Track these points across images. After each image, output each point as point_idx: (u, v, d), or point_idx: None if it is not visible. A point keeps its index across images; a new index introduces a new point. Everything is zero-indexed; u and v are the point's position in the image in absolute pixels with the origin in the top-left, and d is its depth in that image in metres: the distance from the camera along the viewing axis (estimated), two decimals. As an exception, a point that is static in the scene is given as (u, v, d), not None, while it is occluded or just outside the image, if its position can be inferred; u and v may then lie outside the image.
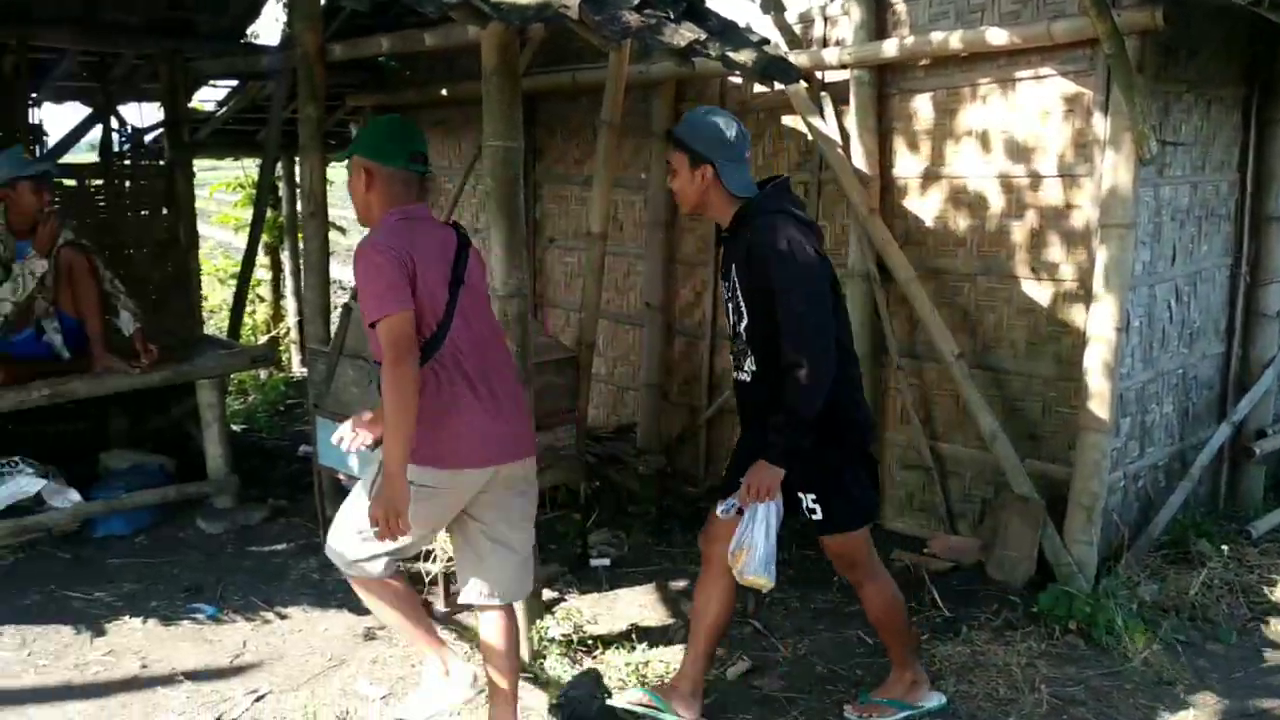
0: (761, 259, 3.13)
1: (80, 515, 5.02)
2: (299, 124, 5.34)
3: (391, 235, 2.96)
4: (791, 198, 3.32)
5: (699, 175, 3.20)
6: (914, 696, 3.57)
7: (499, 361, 3.16)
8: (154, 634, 4.20)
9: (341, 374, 4.62)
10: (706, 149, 3.19)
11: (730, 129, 3.21)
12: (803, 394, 3.06)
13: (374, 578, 3.22)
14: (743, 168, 3.25)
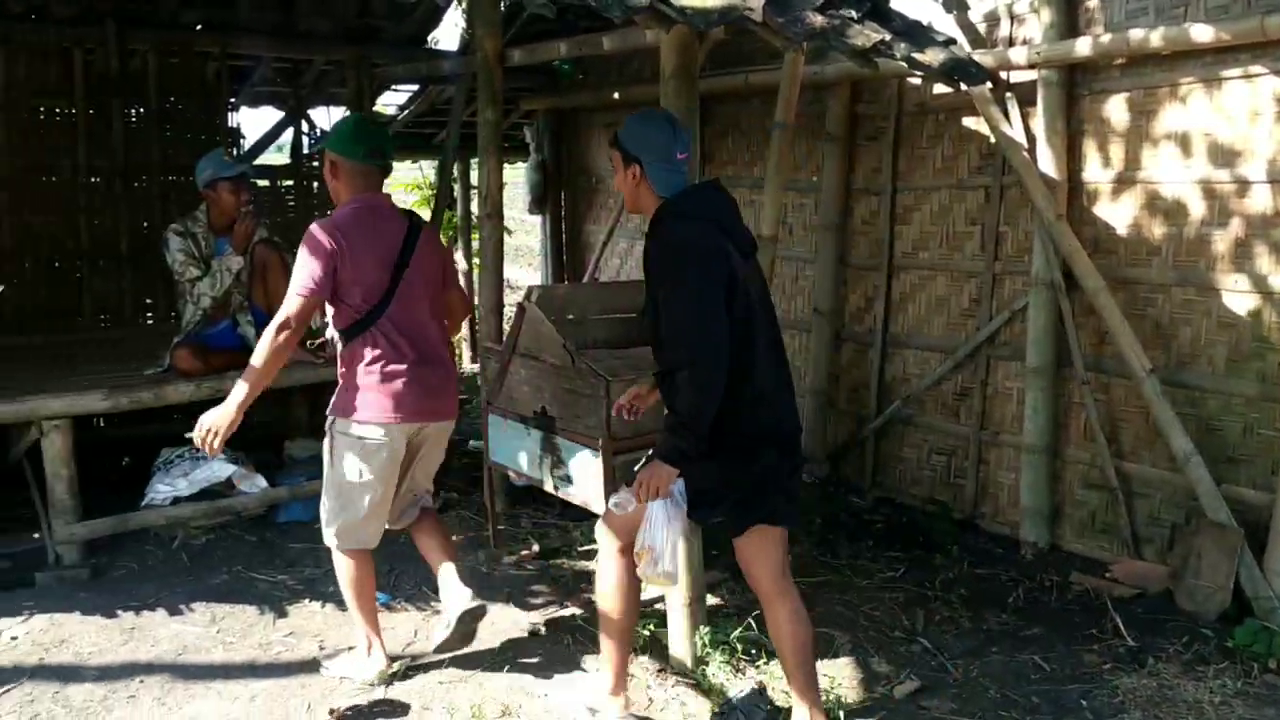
0: (655, 260, 3.17)
1: (267, 501, 5.26)
2: (477, 127, 5.47)
3: (338, 219, 3.54)
4: (707, 200, 3.22)
5: (629, 174, 3.21)
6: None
7: (435, 339, 3.74)
8: (331, 618, 4.36)
9: (514, 373, 4.70)
10: (635, 148, 3.20)
11: (662, 131, 3.21)
12: (685, 399, 2.99)
13: (368, 547, 3.84)
14: (673, 169, 3.20)
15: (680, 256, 3.04)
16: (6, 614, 4.30)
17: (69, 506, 4.75)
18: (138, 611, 4.37)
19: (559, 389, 4.43)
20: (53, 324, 6.14)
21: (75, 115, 6.13)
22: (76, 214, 6.22)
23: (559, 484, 4.52)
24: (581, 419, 4.34)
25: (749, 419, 3.12)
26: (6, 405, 4.57)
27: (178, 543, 4.99)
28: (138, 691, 3.76)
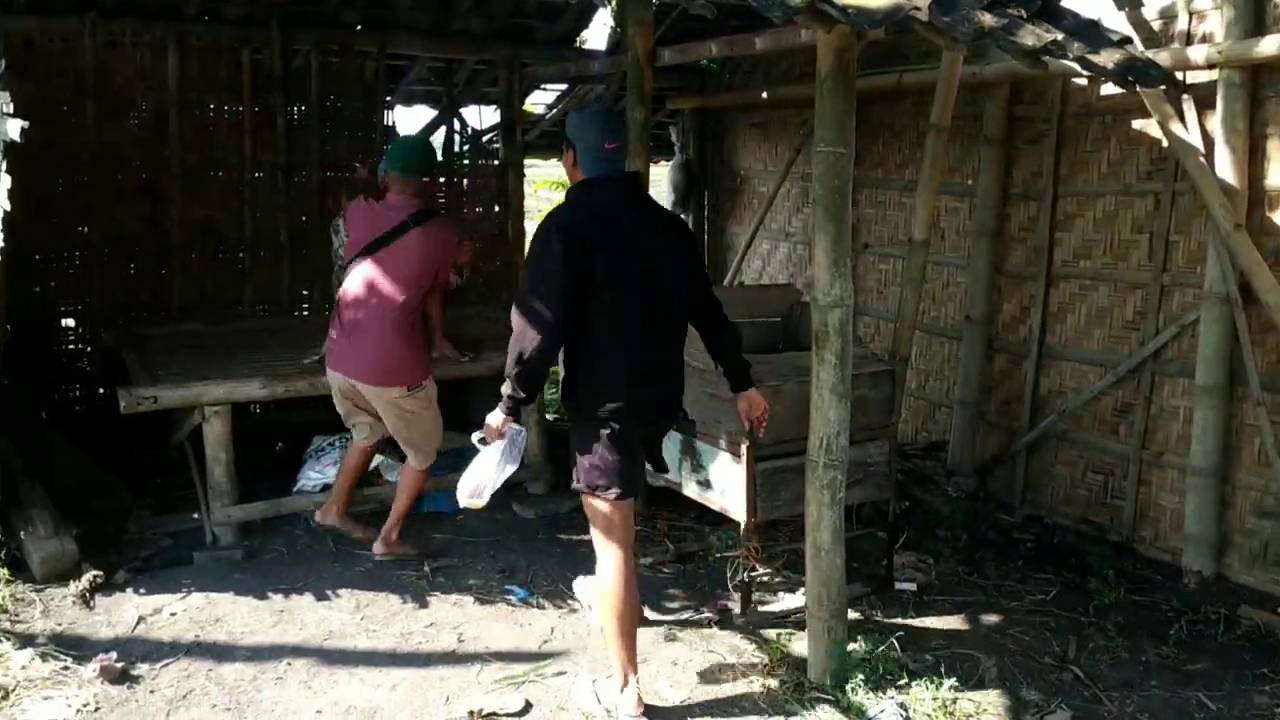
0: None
1: (411, 492, 5.37)
2: (629, 126, 5.45)
3: (350, 207, 4.83)
4: (597, 189, 3.51)
5: (567, 157, 3.59)
6: (622, 703, 3.58)
7: (378, 314, 4.52)
8: (470, 611, 4.42)
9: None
10: (572, 136, 3.56)
11: (595, 124, 3.54)
12: (510, 357, 3.42)
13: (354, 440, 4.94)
14: (600, 157, 3.51)
15: (535, 241, 3.50)
16: (168, 590, 4.50)
17: (226, 490, 4.94)
18: (287, 594, 4.51)
19: (701, 393, 4.39)
20: (215, 313, 6.40)
21: (242, 113, 6.38)
22: (240, 207, 6.47)
23: (698, 488, 4.49)
24: (722, 424, 4.29)
25: (615, 395, 3.47)
26: (172, 391, 4.78)
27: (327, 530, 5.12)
28: (285, 673, 3.87)
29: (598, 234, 3.41)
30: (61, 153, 5.92)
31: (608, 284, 3.39)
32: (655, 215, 3.67)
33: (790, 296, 5.07)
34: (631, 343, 3.47)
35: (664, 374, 3.65)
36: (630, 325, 3.46)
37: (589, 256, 3.35)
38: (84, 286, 6.13)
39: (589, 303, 3.39)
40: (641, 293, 3.45)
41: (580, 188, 3.53)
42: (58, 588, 4.44)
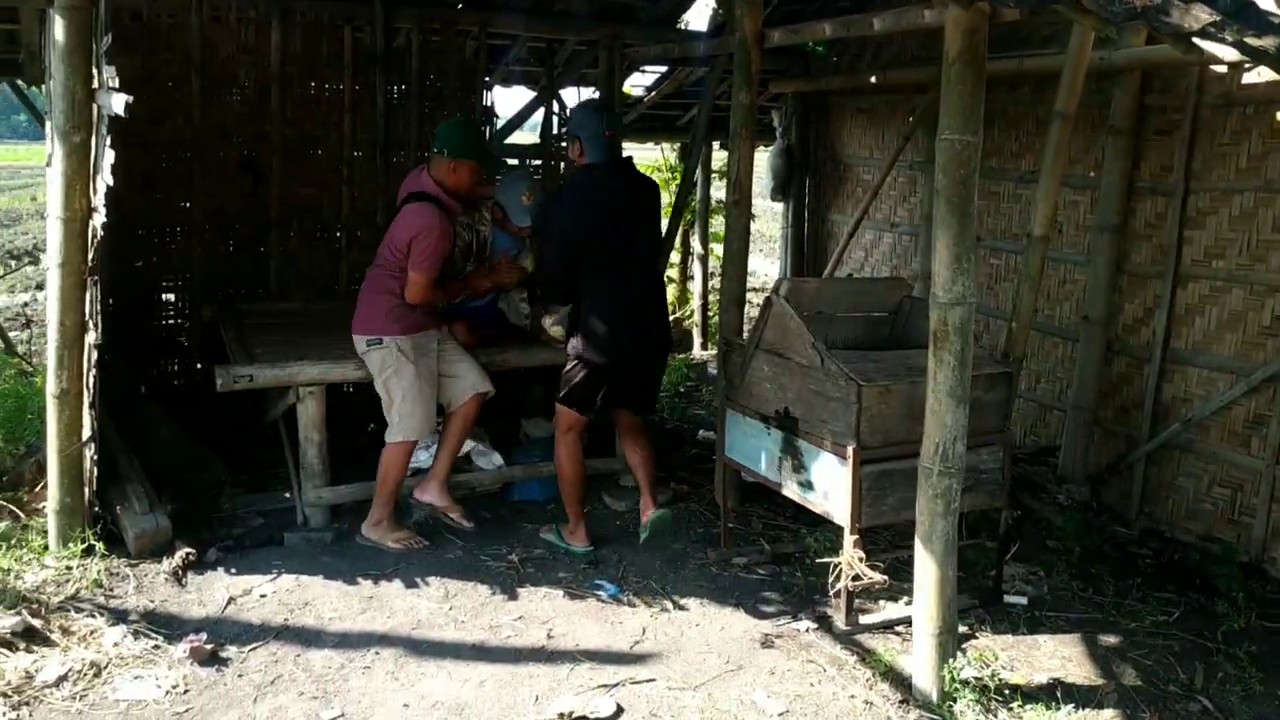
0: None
1: (502, 479, 5.29)
2: (730, 110, 5.28)
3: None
4: (596, 172, 4.61)
5: (575, 148, 4.65)
6: (572, 540, 4.86)
7: (365, 284, 4.88)
8: (560, 605, 4.30)
9: (756, 369, 4.50)
10: (575, 127, 4.69)
11: (596, 117, 4.66)
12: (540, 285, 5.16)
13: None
14: (602, 144, 4.60)
15: (547, 216, 4.81)
16: (258, 571, 4.47)
17: (318, 470, 4.90)
18: (376, 580, 4.45)
19: (805, 390, 4.20)
20: (312, 291, 6.39)
21: (342, 90, 6.34)
22: (339, 185, 6.44)
23: (799, 489, 4.30)
24: (828, 423, 4.10)
25: (606, 325, 4.60)
26: (267, 371, 4.75)
27: (417, 517, 5.06)
28: (373, 663, 3.80)
29: (597, 204, 4.55)
30: (166, 127, 5.94)
31: (602, 241, 4.55)
32: (639, 191, 4.75)
33: (899, 291, 4.84)
34: (616, 285, 4.59)
35: (645, 314, 4.74)
36: (617, 272, 4.58)
37: (590, 220, 4.54)
38: (184, 261, 6.16)
39: (586, 259, 4.55)
40: (625, 248, 4.60)
41: (585, 170, 4.63)
42: (151, 563, 4.44)
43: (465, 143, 4.73)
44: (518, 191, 5.13)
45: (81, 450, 4.43)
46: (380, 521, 4.81)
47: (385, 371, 4.73)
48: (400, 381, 4.72)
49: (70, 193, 4.22)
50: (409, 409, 4.73)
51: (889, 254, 7.21)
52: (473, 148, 4.75)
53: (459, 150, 4.69)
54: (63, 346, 4.34)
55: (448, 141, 4.71)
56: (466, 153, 4.71)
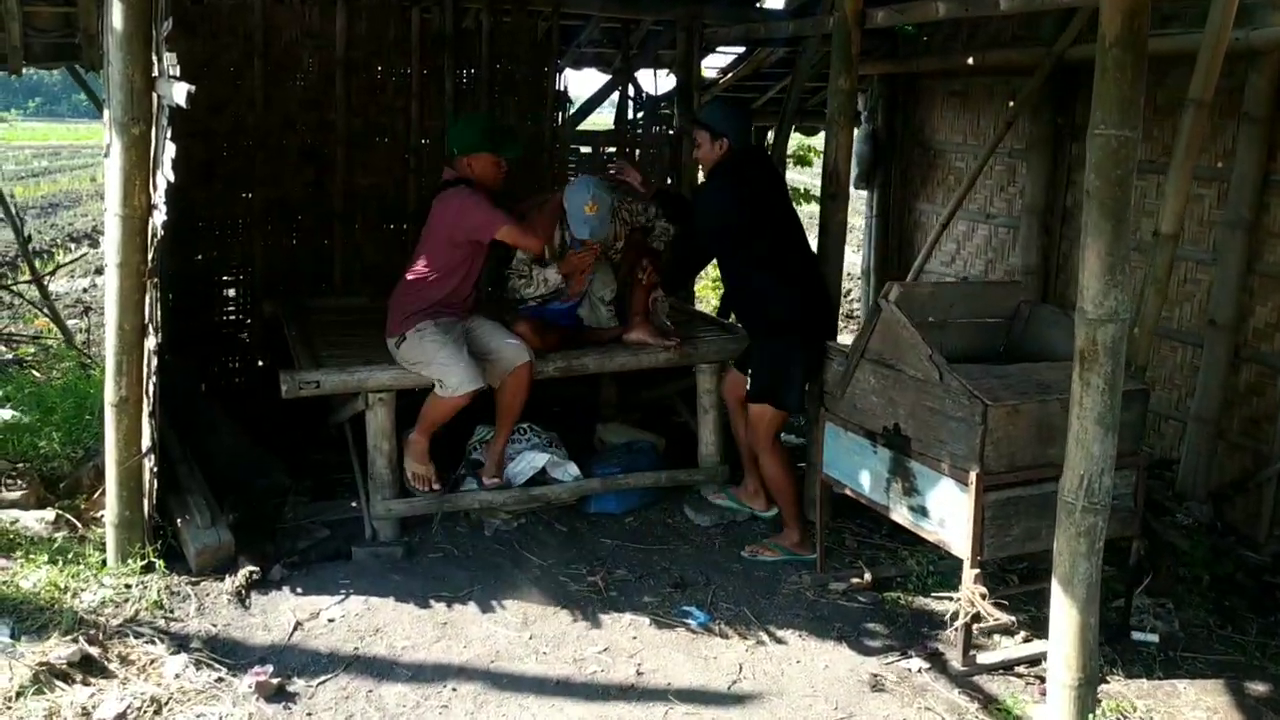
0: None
1: (579, 491, 4.97)
2: (829, 95, 4.90)
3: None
4: (743, 160, 4.57)
5: (717, 146, 4.54)
6: (798, 549, 4.65)
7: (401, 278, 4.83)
8: (647, 636, 3.99)
9: (861, 380, 4.14)
10: (721, 126, 4.54)
11: (741, 113, 4.84)
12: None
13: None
14: (749, 141, 4.75)
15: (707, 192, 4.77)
16: (325, 591, 4.20)
17: (387, 481, 4.63)
18: (450, 604, 4.16)
19: (919, 406, 3.84)
20: (378, 286, 6.09)
21: (410, 75, 6.03)
22: (406, 175, 6.14)
23: (910, 514, 3.94)
24: (946, 444, 3.73)
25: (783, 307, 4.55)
26: (335, 376, 4.47)
27: (490, 531, 4.77)
28: (450, 701, 3.52)
29: (752, 191, 4.52)
30: (227, 115, 5.67)
31: (767, 224, 4.54)
32: (779, 180, 4.80)
33: (1015, 295, 4.44)
34: (792, 261, 4.59)
35: (821, 290, 4.72)
36: (789, 250, 4.59)
37: (751, 203, 4.50)
38: (245, 255, 5.90)
39: (754, 242, 4.49)
40: (790, 229, 4.64)
41: (730, 159, 4.52)
42: (213, 581, 4.19)
43: (470, 136, 4.65)
44: (580, 200, 4.68)
45: (141, 461, 4.19)
46: (415, 445, 4.70)
47: (416, 358, 4.55)
48: (431, 354, 4.52)
49: (129, 188, 3.95)
50: (446, 369, 4.50)
51: (983, 248, 6.78)
52: (479, 139, 4.64)
53: (467, 146, 4.65)
54: (121, 352, 4.08)
55: (456, 140, 4.71)
56: (475, 146, 4.63)
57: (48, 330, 7.96)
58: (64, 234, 15.03)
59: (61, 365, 6.96)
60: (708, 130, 4.54)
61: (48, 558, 4.18)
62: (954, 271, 6.97)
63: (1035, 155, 6.19)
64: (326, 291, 6.01)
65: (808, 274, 4.65)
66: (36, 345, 7.83)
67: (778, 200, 4.64)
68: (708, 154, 4.56)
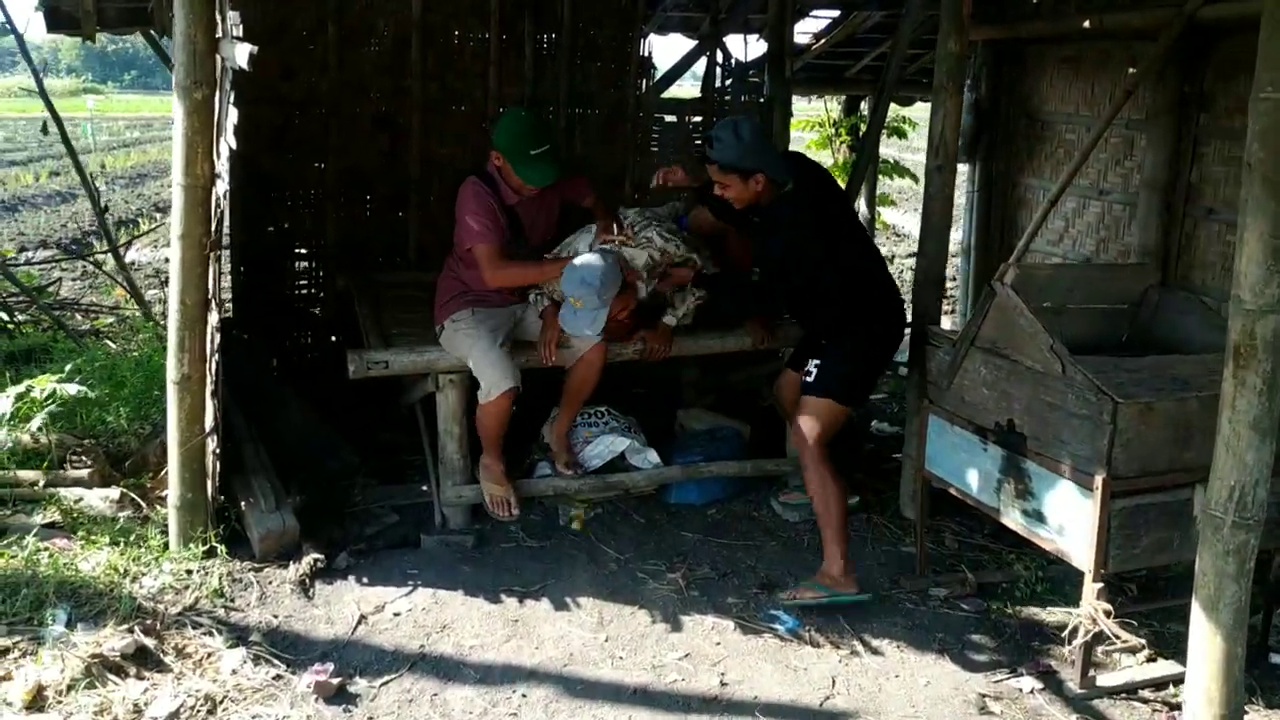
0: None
1: (658, 480, 4.70)
2: (936, 60, 4.52)
3: None
4: (800, 194, 4.02)
5: (752, 183, 3.94)
6: (841, 586, 3.89)
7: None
8: (731, 641, 3.71)
9: (971, 370, 3.78)
10: (755, 163, 3.92)
11: (768, 141, 4.37)
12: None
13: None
14: (785, 164, 4.07)
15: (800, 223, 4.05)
16: (391, 581, 4.00)
17: (458, 467, 4.40)
18: (521, 599, 3.92)
19: (1037, 401, 3.48)
20: (452, 260, 5.89)
21: (488, 40, 5.76)
22: (484, 144, 5.88)
23: (1023, 519, 3.59)
24: (1068, 445, 3.37)
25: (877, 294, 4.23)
26: (404, 356, 4.25)
27: (565, 520, 4.53)
28: (519, 708, 3.28)
29: (819, 221, 4.01)
30: (299, 81, 5.46)
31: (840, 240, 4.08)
32: (827, 182, 4.27)
33: (1142, 279, 4.05)
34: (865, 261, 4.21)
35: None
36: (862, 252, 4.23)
37: (824, 235, 4.01)
38: (318, 226, 5.69)
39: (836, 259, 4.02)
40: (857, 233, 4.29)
41: (786, 200, 3.99)
42: (276, 568, 4.02)
43: (504, 137, 4.37)
44: (570, 286, 4.20)
45: (204, 442, 4.01)
46: (489, 468, 4.45)
47: (460, 349, 4.31)
48: (465, 348, 4.29)
49: (191, 155, 3.76)
50: (483, 367, 4.25)
51: (1094, 225, 6.30)
52: (510, 146, 4.32)
53: (498, 142, 4.40)
54: (183, 328, 3.90)
55: (499, 137, 4.41)
56: (502, 149, 4.37)
57: (126, 301, 7.91)
58: (150, 204, 15.16)
59: (139, 338, 6.88)
60: (734, 173, 3.92)
61: (109, 539, 4.05)
62: (1061, 251, 6.51)
63: (1157, 126, 5.70)
64: (401, 265, 5.79)
65: (885, 273, 4.35)
66: (115, 316, 7.79)
67: (844, 213, 4.30)
68: (743, 194, 3.97)
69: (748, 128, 3.93)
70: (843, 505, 3.96)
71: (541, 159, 4.31)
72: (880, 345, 4.18)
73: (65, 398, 4.87)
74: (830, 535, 3.93)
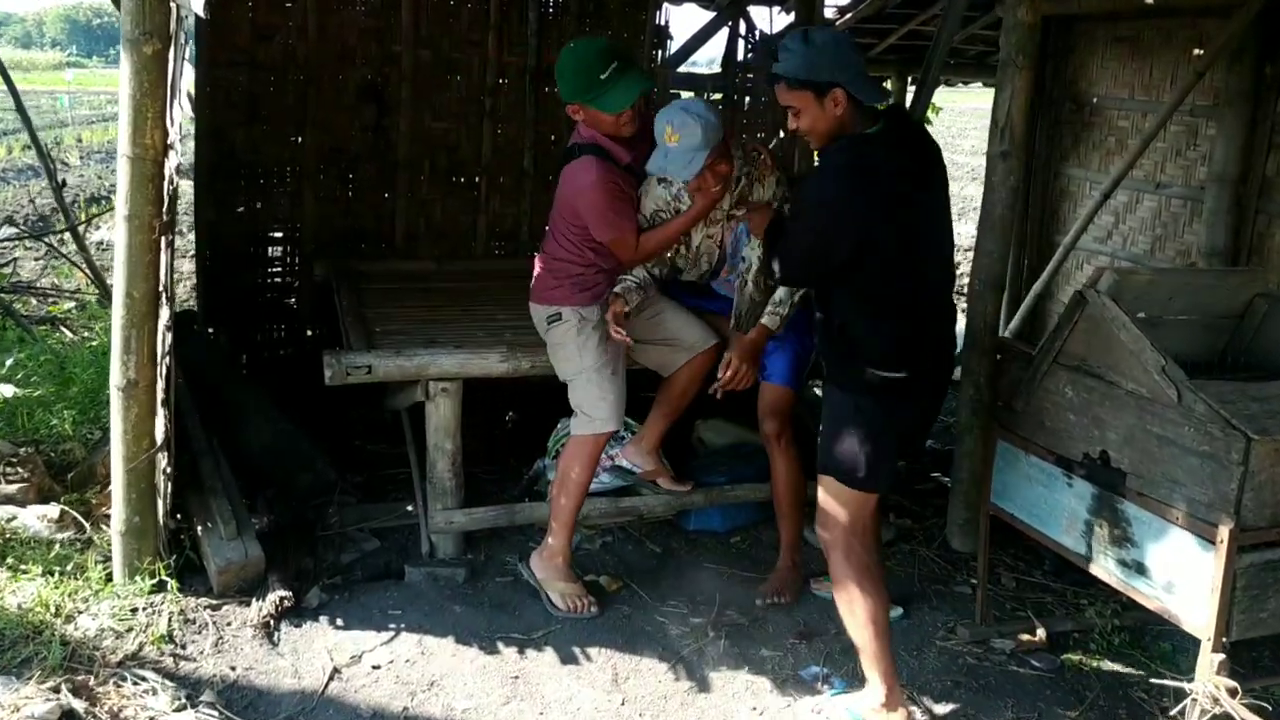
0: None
1: (676, 505, 4.14)
2: (1003, 31, 3.96)
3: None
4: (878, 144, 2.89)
5: (830, 102, 2.84)
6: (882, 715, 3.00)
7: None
8: (769, 706, 3.16)
9: (1053, 390, 3.23)
10: (829, 72, 2.82)
11: (852, 47, 2.97)
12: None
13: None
14: (876, 93, 2.95)
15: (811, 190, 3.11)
16: (370, 623, 3.44)
17: (449, 489, 3.83)
18: (521, 649, 3.36)
19: (1140, 431, 2.93)
20: (444, 248, 5.33)
21: (488, 2, 5.18)
22: (480, 120, 5.31)
23: (1120, 571, 3.04)
24: (1182, 487, 2.82)
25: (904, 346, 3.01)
26: (390, 360, 3.67)
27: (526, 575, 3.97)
28: (522, 794, 2.72)
29: (883, 193, 2.87)
30: (275, 44, 4.88)
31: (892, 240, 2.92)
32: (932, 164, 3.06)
33: (1250, 287, 3.47)
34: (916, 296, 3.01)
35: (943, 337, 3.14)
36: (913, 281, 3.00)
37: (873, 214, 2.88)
38: (294, 208, 5.12)
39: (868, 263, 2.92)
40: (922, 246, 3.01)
41: (857, 141, 2.87)
42: (237, 605, 3.46)
43: (570, 80, 3.49)
44: (661, 124, 3.40)
45: (153, 458, 3.44)
46: (555, 556, 3.65)
47: (567, 349, 3.65)
48: (584, 359, 3.61)
49: (140, 121, 3.16)
50: (597, 393, 3.60)
51: (1149, 222, 5.76)
52: (578, 88, 3.46)
53: (568, 93, 3.51)
54: (130, 325, 3.31)
55: (560, 82, 3.57)
56: (573, 95, 3.49)
57: (87, 286, 7.30)
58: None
59: (99, 326, 6.29)
60: (808, 88, 2.83)
61: (42, 568, 3.48)
62: (1110, 249, 5.98)
63: (1228, 113, 5.16)
64: (386, 253, 5.23)
65: (935, 320, 3.08)
66: (76, 301, 7.18)
67: (924, 208, 2.98)
68: (818, 121, 2.87)
69: (824, 35, 2.92)
70: (877, 619, 2.96)
71: (617, 75, 3.44)
72: (904, 410, 3.03)
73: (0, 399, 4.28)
74: (866, 660, 3.00)
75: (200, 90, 4.73)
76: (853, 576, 2.96)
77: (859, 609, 2.95)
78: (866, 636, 2.96)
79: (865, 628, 2.95)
